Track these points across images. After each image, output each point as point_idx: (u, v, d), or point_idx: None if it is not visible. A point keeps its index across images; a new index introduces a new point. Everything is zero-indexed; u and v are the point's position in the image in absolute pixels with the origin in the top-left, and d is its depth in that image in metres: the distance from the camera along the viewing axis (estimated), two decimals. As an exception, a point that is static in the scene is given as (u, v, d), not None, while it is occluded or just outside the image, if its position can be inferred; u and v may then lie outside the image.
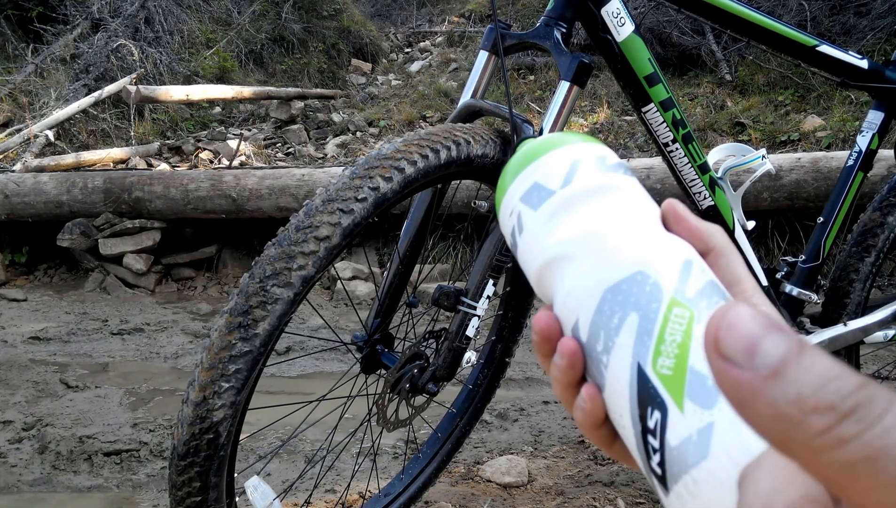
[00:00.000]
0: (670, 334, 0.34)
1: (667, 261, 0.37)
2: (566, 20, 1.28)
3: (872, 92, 1.56)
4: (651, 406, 0.34)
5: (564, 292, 0.39)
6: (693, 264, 0.37)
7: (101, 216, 3.91)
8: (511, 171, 0.43)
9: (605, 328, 0.36)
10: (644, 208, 0.40)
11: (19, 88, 5.77)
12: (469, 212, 1.63)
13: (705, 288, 0.36)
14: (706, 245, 0.39)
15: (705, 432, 0.32)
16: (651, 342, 0.34)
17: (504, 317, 1.52)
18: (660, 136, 1.39)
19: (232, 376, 0.99)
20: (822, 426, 0.23)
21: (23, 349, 2.96)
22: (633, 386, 0.34)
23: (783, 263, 1.61)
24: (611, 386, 0.36)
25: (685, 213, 0.40)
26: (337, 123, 6.07)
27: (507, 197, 0.43)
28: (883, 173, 3.09)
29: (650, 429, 0.33)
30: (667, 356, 0.34)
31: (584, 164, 0.41)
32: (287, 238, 1.04)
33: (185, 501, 1.04)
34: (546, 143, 0.42)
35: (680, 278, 0.36)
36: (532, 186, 0.41)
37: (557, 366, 0.38)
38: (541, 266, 0.41)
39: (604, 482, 1.78)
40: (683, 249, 0.38)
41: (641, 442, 0.34)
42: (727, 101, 4.99)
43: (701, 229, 0.39)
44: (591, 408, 0.37)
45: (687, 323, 0.34)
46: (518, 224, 0.42)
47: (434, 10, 8.98)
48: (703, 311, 0.35)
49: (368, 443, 1.68)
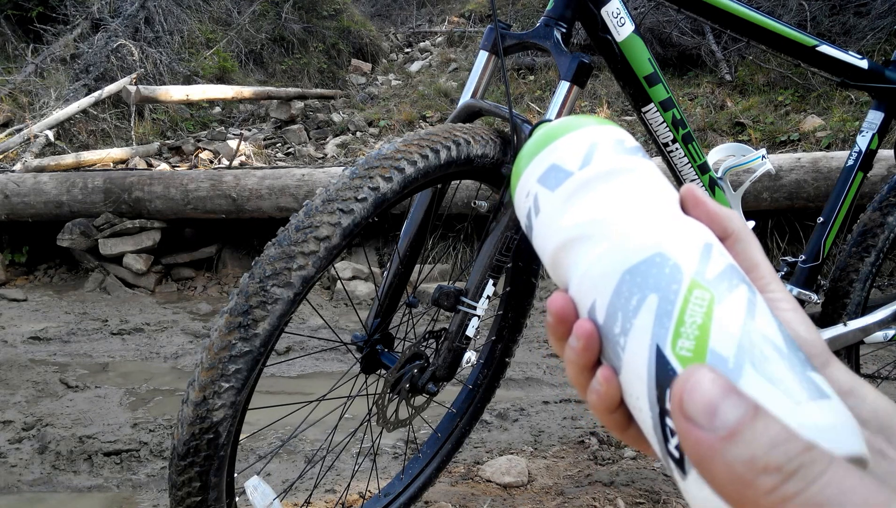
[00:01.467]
0: (690, 315, 0.34)
1: (686, 243, 0.36)
2: (566, 20, 1.28)
3: (872, 92, 1.56)
4: (670, 388, 0.33)
5: (581, 273, 0.38)
6: (713, 247, 0.37)
7: (101, 216, 3.91)
8: (528, 153, 0.42)
9: (622, 310, 0.36)
10: (662, 192, 0.40)
11: (19, 88, 5.77)
12: (469, 212, 1.63)
13: (725, 271, 0.36)
14: (724, 230, 0.39)
15: None
16: (671, 324, 0.34)
17: (504, 317, 1.52)
18: (660, 136, 1.39)
19: (232, 376, 0.99)
20: (770, 485, 0.26)
21: (23, 349, 2.96)
22: (652, 368, 0.34)
23: (783, 263, 1.61)
24: (628, 368, 0.35)
25: (704, 197, 0.40)
26: (337, 123, 6.07)
27: (524, 179, 0.42)
28: (883, 173, 3.09)
29: (668, 411, 0.33)
30: (687, 338, 0.33)
31: (602, 146, 0.41)
32: (287, 238, 1.04)
33: (185, 501, 1.04)
34: (564, 125, 0.42)
35: (700, 260, 0.36)
36: (550, 168, 0.41)
37: (573, 348, 0.38)
38: (557, 248, 0.40)
39: (604, 482, 1.78)
40: (703, 232, 0.38)
41: (659, 425, 0.34)
42: (727, 101, 4.99)
43: (720, 213, 0.39)
44: (606, 391, 0.37)
45: (708, 305, 0.34)
46: (535, 206, 0.41)
47: (434, 10, 8.97)
48: (724, 293, 0.34)
49: (368, 443, 1.68)
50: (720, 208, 0.40)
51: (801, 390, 0.32)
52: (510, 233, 1.24)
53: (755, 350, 0.33)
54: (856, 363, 1.72)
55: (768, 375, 0.32)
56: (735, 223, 0.39)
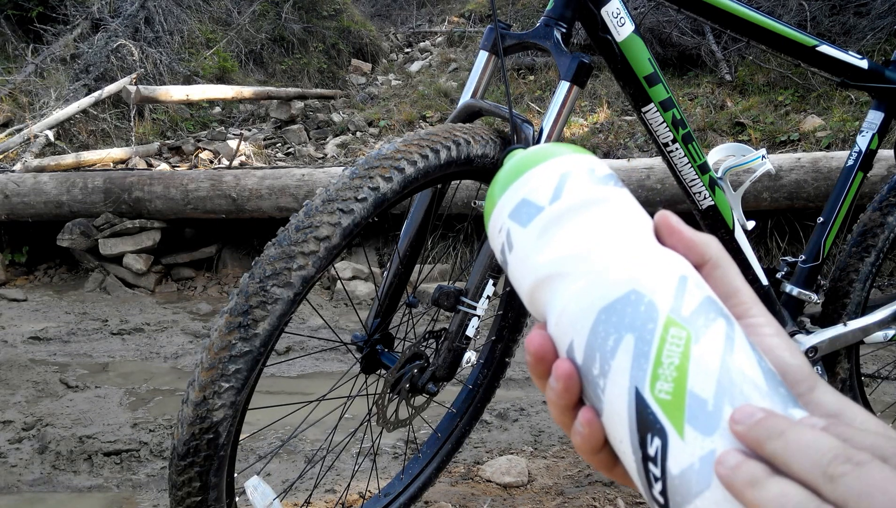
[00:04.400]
0: (667, 356, 0.33)
1: (661, 278, 0.36)
2: (566, 20, 1.28)
3: (872, 92, 1.56)
4: (651, 433, 0.32)
5: (557, 312, 0.38)
6: (688, 280, 0.36)
7: (101, 216, 3.91)
8: (499, 186, 0.41)
9: (600, 351, 0.35)
10: (636, 222, 0.39)
11: (19, 88, 5.77)
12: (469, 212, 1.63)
13: (702, 305, 0.35)
14: (701, 257, 0.38)
15: (707, 459, 0.31)
16: (648, 366, 0.33)
17: (504, 317, 1.52)
18: (660, 136, 1.39)
19: (232, 376, 0.99)
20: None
21: (23, 349, 2.96)
22: (632, 412, 0.33)
23: (783, 263, 1.61)
24: (609, 411, 0.35)
25: (678, 225, 0.39)
26: (337, 123, 6.07)
27: (496, 214, 0.41)
28: (883, 173, 3.09)
29: (651, 457, 0.32)
30: (665, 380, 0.33)
31: (572, 177, 0.39)
32: (287, 238, 1.04)
33: (184, 501, 1.04)
34: (533, 156, 0.41)
35: (675, 295, 0.35)
36: (520, 203, 0.40)
37: (553, 389, 0.37)
38: (532, 285, 0.39)
39: (604, 482, 1.78)
40: (678, 264, 0.37)
41: (642, 470, 0.33)
42: (727, 101, 4.99)
43: (695, 240, 0.38)
44: (588, 433, 0.36)
45: (684, 344, 0.33)
46: (507, 241, 0.40)
47: (434, 10, 8.97)
48: (701, 330, 0.34)
49: (368, 443, 1.68)
50: (696, 234, 0.39)
51: None
52: (510, 233, 1.24)
53: (735, 390, 0.32)
54: (856, 363, 1.72)
55: None
56: (712, 249, 0.38)
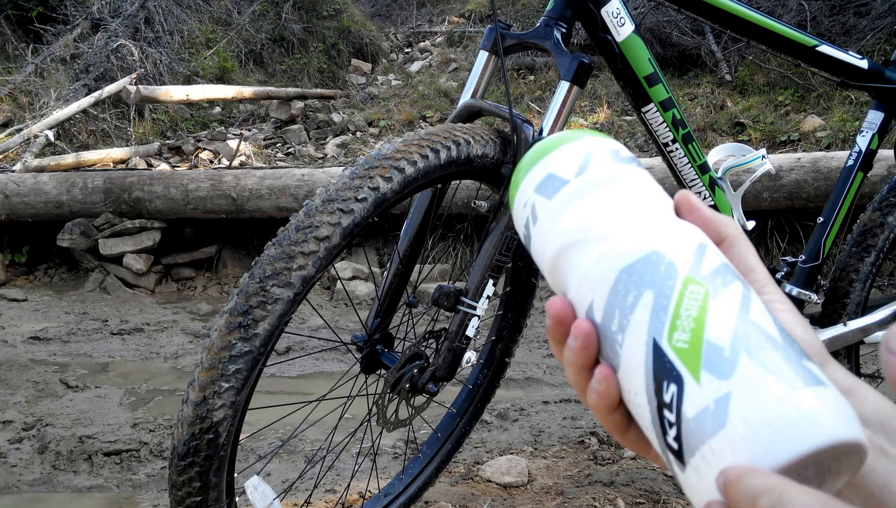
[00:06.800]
0: (686, 309, 0.35)
1: (681, 243, 0.37)
2: (566, 20, 1.28)
3: (872, 92, 1.56)
4: (667, 380, 0.34)
5: (579, 276, 0.39)
6: (707, 247, 0.38)
7: (101, 216, 3.91)
8: (525, 164, 0.44)
9: (619, 307, 0.37)
10: (657, 197, 0.41)
11: (19, 88, 5.77)
12: (469, 212, 1.63)
13: (720, 268, 0.36)
14: (719, 235, 0.40)
15: (723, 401, 0.32)
16: (667, 318, 0.35)
17: (504, 317, 1.52)
18: (660, 136, 1.39)
19: (232, 376, 0.99)
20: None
21: (23, 349, 2.96)
22: (649, 361, 0.35)
23: (783, 263, 1.61)
24: (626, 364, 0.36)
25: (698, 203, 0.40)
26: (337, 123, 6.07)
27: (522, 189, 0.43)
28: (883, 173, 3.09)
29: (666, 403, 0.34)
30: (682, 331, 0.34)
31: (597, 156, 0.42)
32: (287, 238, 1.04)
33: (185, 501, 1.04)
34: (560, 138, 0.43)
35: (695, 258, 0.37)
36: (546, 177, 0.42)
37: (571, 348, 0.38)
38: (555, 253, 0.41)
39: (604, 482, 1.78)
40: (697, 233, 0.39)
41: (657, 418, 0.34)
42: (727, 101, 4.99)
43: (714, 219, 0.40)
44: (605, 389, 0.37)
45: (703, 298, 0.35)
46: (532, 215, 0.42)
47: (434, 10, 8.97)
48: (719, 288, 0.35)
49: (368, 443, 1.68)
50: (714, 213, 0.40)
51: (796, 377, 0.32)
52: (510, 233, 1.24)
53: (750, 339, 0.33)
54: (856, 363, 1.72)
55: (764, 363, 0.33)
56: (729, 228, 0.40)
